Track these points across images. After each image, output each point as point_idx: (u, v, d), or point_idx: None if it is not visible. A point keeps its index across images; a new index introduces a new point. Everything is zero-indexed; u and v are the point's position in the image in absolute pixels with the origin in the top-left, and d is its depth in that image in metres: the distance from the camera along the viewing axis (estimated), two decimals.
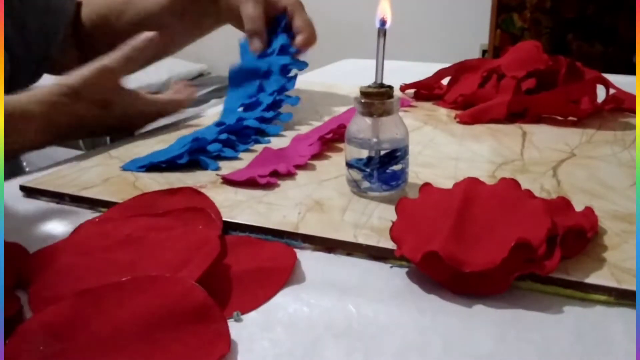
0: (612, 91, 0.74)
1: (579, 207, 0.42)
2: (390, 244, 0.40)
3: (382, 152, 0.47)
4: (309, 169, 0.55)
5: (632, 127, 0.68)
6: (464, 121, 0.70)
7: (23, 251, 0.41)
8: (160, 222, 0.43)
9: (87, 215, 0.48)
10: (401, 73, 0.93)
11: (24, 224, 0.47)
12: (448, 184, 0.44)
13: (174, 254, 0.38)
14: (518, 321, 0.33)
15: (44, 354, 0.29)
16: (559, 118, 0.71)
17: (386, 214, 0.45)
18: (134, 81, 0.65)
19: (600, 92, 0.73)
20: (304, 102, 0.80)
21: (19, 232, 0.45)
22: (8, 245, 0.40)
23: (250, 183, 0.51)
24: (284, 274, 0.38)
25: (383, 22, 0.46)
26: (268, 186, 0.51)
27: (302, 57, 0.74)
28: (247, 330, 0.33)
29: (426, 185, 0.45)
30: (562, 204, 0.42)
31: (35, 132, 0.58)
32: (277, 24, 0.75)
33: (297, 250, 0.40)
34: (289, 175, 0.53)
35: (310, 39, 0.73)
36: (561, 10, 2.04)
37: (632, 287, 0.35)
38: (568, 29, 2.04)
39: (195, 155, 0.57)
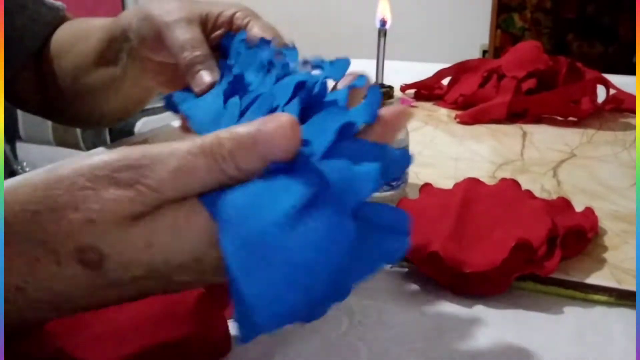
0: (612, 91, 0.74)
1: (579, 208, 0.42)
2: None
3: None
4: None
5: (632, 127, 0.68)
6: (464, 121, 0.70)
7: None
8: None
9: None
10: (401, 73, 0.93)
11: None
12: (448, 184, 0.44)
13: None
14: (518, 321, 0.33)
15: (44, 353, 0.29)
16: (559, 118, 0.71)
17: None
18: None
19: (601, 93, 0.73)
20: None
21: None
22: None
23: None
24: None
25: (383, 23, 0.46)
26: None
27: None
28: None
29: (426, 185, 0.45)
30: (563, 205, 0.42)
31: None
32: (225, 49, 0.45)
33: None
34: None
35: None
36: (561, 10, 2.04)
37: (632, 288, 0.35)
38: (568, 29, 2.04)
39: None
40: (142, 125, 1.70)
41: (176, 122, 0.74)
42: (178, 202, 0.24)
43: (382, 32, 0.46)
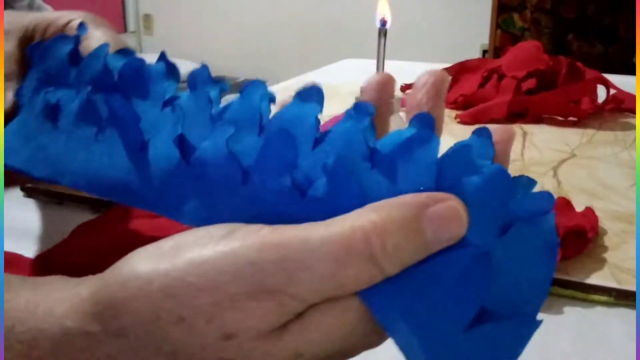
0: (612, 91, 0.74)
1: (579, 208, 0.42)
2: None
3: None
4: None
5: (632, 127, 0.68)
6: (465, 121, 0.70)
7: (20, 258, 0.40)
8: (161, 222, 0.43)
9: (87, 215, 0.48)
10: (401, 73, 0.92)
11: (24, 224, 0.47)
12: None
13: None
14: None
15: None
16: (560, 118, 0.71)
17: None
18: None
19: (601, 93, 0.73)
20: None
21: (19, 232, 0.45)
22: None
23: None
24: None
25: (383, 22, 0.46)
26: None
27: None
28: None
29: None
30: (563, 205, 0.42)
31: None
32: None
33: None
34: None
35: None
36: (561, 10, 2.04)
37: (632, 288, 0.35)
38: (568, 29, 2.04)
39: None
40: None
41: None
42: (328, 303, 0.20)
43: (382, 32, 0.46)
